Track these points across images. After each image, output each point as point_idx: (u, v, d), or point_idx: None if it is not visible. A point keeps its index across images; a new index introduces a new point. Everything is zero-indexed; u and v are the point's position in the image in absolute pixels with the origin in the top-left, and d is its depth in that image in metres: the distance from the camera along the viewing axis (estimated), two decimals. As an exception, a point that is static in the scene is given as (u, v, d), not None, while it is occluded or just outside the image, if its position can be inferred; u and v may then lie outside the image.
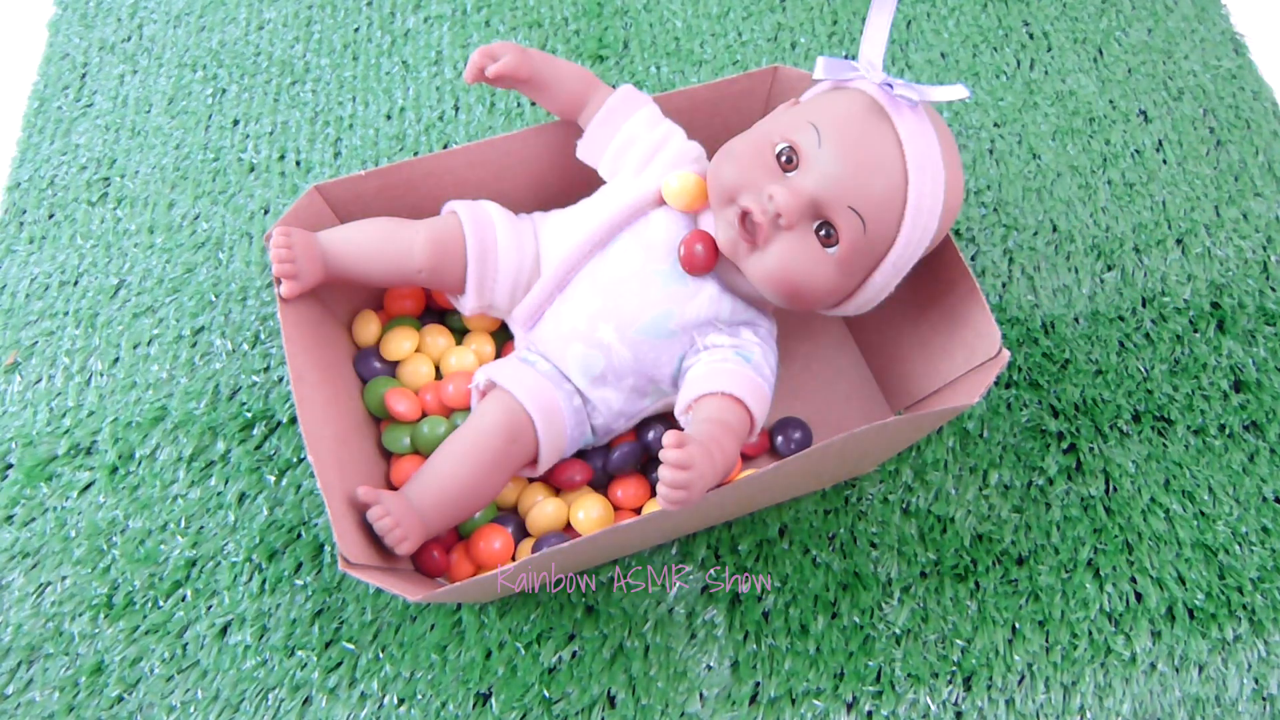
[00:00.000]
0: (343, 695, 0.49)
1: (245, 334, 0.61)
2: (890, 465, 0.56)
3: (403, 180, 0.53)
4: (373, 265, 0.51)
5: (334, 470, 0.45)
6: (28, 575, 0.53)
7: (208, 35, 0.78)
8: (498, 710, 0.48)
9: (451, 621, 0.51)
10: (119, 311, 0.63)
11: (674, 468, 0.39)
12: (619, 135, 0.51)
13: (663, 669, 0.50)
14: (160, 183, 0.69)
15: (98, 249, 0.66)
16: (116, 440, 0.57)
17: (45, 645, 0.51)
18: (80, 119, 0.73)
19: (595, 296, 0.49)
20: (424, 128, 0.72)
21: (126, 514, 0.55)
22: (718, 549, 0.53)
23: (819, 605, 0.52)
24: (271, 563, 0.53)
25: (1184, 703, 0.49)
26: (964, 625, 0.51)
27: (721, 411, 0.46)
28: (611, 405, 0.50)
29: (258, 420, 0.58)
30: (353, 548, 0.42)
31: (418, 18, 0.79)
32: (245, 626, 0.51)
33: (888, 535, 0.54)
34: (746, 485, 0.44)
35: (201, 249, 0.66)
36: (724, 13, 0.78)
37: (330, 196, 0.53)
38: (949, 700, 0.49)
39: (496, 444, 0.47)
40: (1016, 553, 0.54)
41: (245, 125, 0.72)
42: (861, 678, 0.49)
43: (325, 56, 0.76)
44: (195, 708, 0.49)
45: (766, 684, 0.49)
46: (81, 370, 0.60)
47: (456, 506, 0.47)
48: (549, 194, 0.57)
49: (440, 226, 0.51)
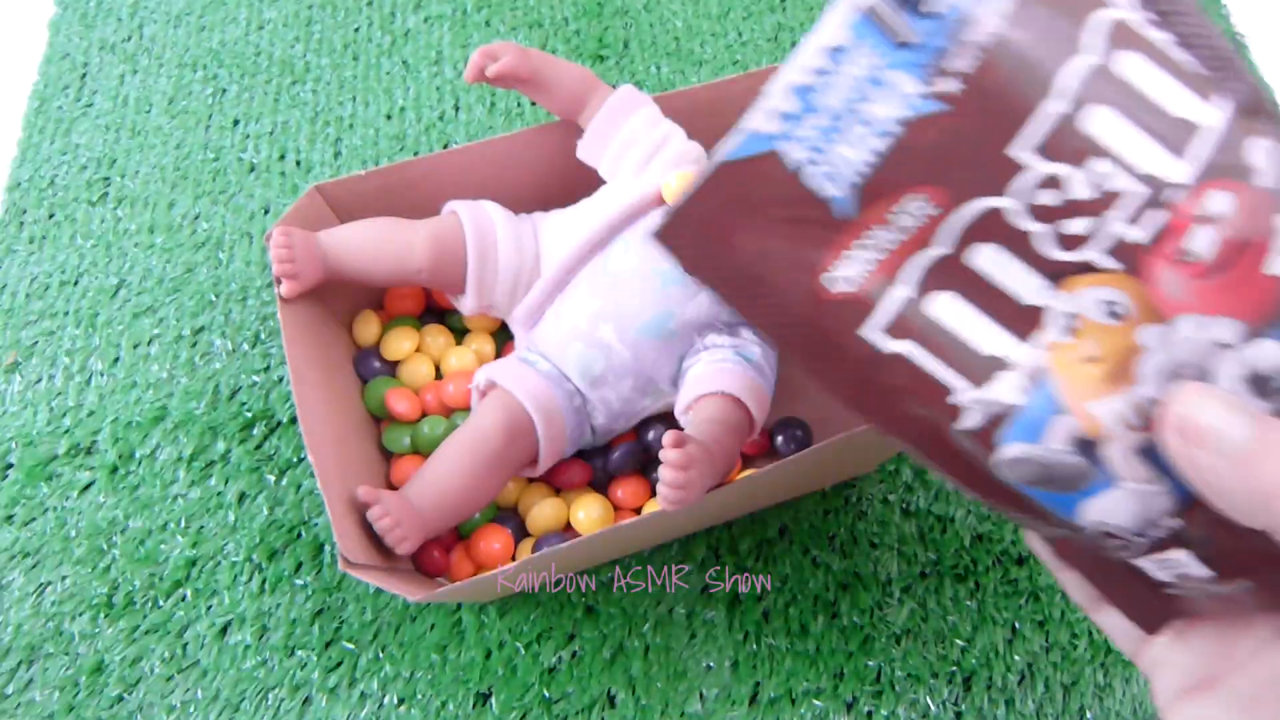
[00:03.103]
0: (343, 695, 0.49)
1: (245, 334, 0.61)
2: (890, 465, 0.56)
3: (403, 180, 0.53)
4: (373, 265, 0.51)
5: (334, 470, 0.45)
6: (28, 575, 0.53)
7: (208, 35, 0.78)
8: (498, 710, 0.48)
9: (451, 621, 0.51)
10: (119, 311, 0.63)
11: (674, 468, 0.39)
12: (619, 135, 0.51)
13: (663, 669, 0.50)
14: (160, 182, 0.69)
15: (98, 249, 0.66)
16: (116, 440, 0.57)
17: (45, 645, 0.51)
18: (80, 119, 0.73)
19: (595, 296, 0.49)
20: (424, 128, 0.72)
21: (126, 514, 0.55)
22: (718, 549, 0.53)
23: (819, 605, 0.52)
24: (271, 562, 0.53)
25: (1184, 703, 0.49)
26: (964, 625, 0.51)
27: (721, 411, 0.46)
28: (611, 405, 0.50)
29: (258, 420, 0.58)
30: (353, 548, 0.42)
31: (418, 18, 0.79)
32: (245, 626, 0.51)
33: (888, 535, 0.54)
34: (746, 485, 0.44)
35: (202, 249, 0.66)
36: (724, 13, 0.78)
37: (330, 196, 0.53)
38: (949, 700, 0.49)
39: (497, 444, 0.47)
40: (1016, 553, 0.54)
41: (245, 125, 0.72)
42: (861, 678, 0.49)
43: (325, 56, 0.76)
44: (195, 707, 0.49)
45: (766, 684, 0.49)
46: (82, 370, 0.60)
47: (457, 506, 0.47)
48: (549, 194, 0.57)
49: (440, 226, 0.51)
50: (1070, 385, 0.25)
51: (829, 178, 0.26)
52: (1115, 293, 0.25)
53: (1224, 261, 0.23)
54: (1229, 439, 0.22)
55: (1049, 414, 0.25)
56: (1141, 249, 0.24)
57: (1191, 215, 0.23)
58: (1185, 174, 0.23)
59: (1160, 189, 0.23)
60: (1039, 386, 0.26)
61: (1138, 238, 0.24)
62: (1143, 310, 0.24)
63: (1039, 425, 0.25)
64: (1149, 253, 0.24)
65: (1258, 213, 0.22)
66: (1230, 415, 0.22)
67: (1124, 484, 0.25)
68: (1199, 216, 0.23)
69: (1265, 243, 0.22)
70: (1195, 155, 0.23)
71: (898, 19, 0.24)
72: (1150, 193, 0.23)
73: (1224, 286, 0.23)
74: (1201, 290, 0.23)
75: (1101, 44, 0.24)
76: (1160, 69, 0.24)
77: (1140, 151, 0.23)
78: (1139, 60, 0.24)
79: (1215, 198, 0.23)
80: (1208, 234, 0.23)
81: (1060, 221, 0.24)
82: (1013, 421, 0.26)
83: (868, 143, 0.25)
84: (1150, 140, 0.23)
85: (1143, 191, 0.23)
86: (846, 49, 0.24)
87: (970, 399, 0.26)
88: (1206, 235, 0.23)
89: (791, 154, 0.26)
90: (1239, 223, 0.23)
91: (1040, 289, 0.25)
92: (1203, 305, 0.23)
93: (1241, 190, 0.23)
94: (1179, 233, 0.23)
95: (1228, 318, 0.23)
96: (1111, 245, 0.24)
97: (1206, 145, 0.23)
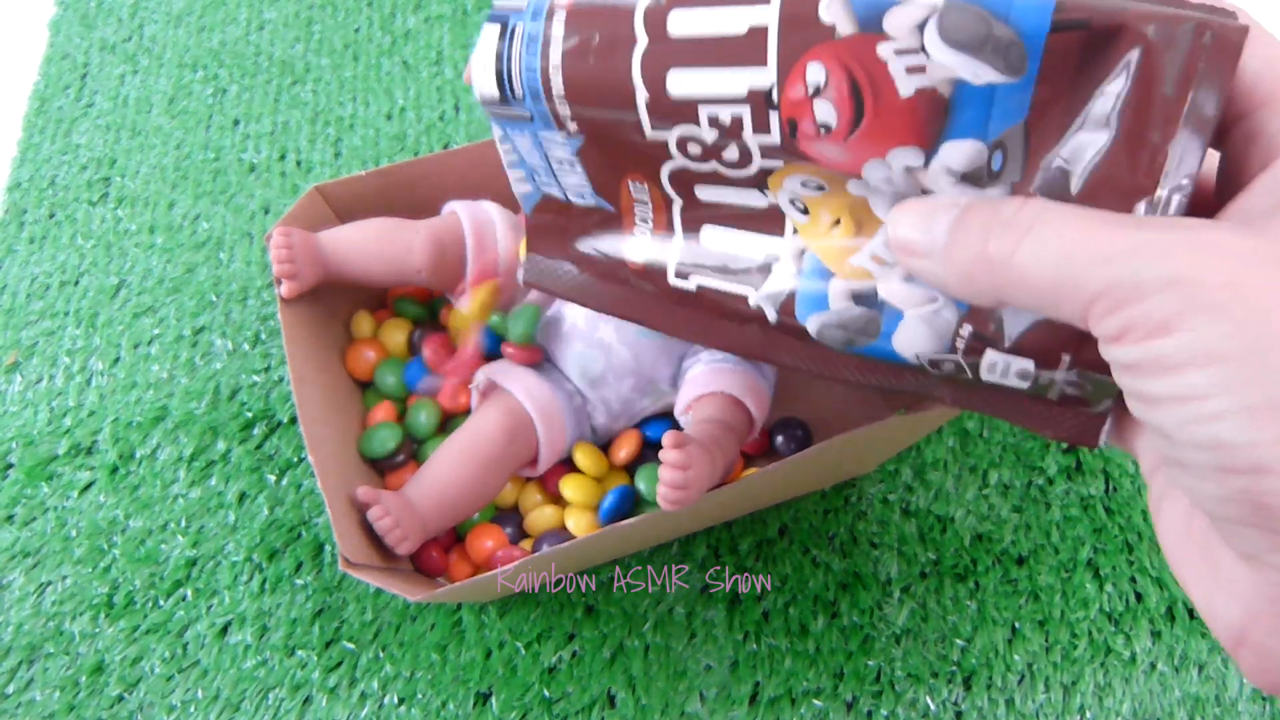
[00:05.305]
0: (343, 695, 0.49)
1: (245, 334, 0.61)
2: (890, 465, 0.56)
3: (403, 180, 0.53)
4: (373, 265, 0.51)
5: (334, 470, 0.45)
6: (28, 575, 0.53)
7: (208, 35, 0.78)
8: (498, 710, 0.48)
9: (451, 621, 0.51)
10: (119, 311, 0.63)
11: (673, 468, 0.39)
12: (619, 135, 0.51)
13: (663, 669, 0.50)
14: (161, 183, 0.69)
15: (98, 249, 0.66)
16: (117, 440, 0.57)
17: (45, 645, 0.51)
18: (81, 119, 0.73)
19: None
20: (424, 128, 0.72)
21: (127, 514, 0.55)
22: (718, 549, 0.53)
23: (819, 605, 0.52)
24: (272, 562, 0.53)
25: (1184, 702, 0.49)
26: (964, 625, 0.51)
27: (721, 411, 0.46)
28: (611, 405, 0.50)
29: (258, 420, 0.58)
30: (353, 548, 0.42)
31: (418, 18, 0.79)
32: (245, 626, 0.51)
33: (888, 535, 0.54)
34: (746, 485, 0.44)
35: (202, 249, 0.66)
36: (724, 12, 0.78)
37: (330, 196, 0.53)
38: (949, 700, 0.49)
39: (497, 444, 0.47)
40: (1016, 553, 0.54)
41: (245, 125, 0.72)
42: (861, 677, 0.49)
43: (326, 56, 0.76)
44: (195, 707, 0.49)
45: (766, 684, 0.49)
46: (82, 370, 0.60)
47: (456, 506, 0.47)
48: (549, 194, 0.57)
49: (440, 226, 0.51)
50: (826, 251, 0.29)
51: (579, 195, 0.35)
52: (804, 176, 0.28)
53: (854, 113, 0.25)
54: (928, 242, 0.23)
55: (822, 282, 0.30)
56: (787, 144, 0.27)
57: (800, 98, 0.26)
58: (770, 73, 0.26)
59: (762, 96, 0.26)
60: (805, 265, 0.30)
61: (773, 141, 0.27)
62: (835, 178, 0.27)
63: (821, 294, 0.30)
64: (795, 144, 0.27)
65: (860, 56, 0.24)
66: (925, 219, 0.23)
67: (909, 312, 0.28)
68: (808, 94, 0.25)
69: (887, 75, 0.24)
70: (769, 52, 0.25)
71: (508, 110, 0.32)
72: (755, 103, 0.26)
73: (875, 129, 0.25)
74: (860, 142, 0.25)
75: (642, 22, 0.27)
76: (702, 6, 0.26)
77: (722, 81, 0.27)
78: (681, 14, 0.27)
79: (812, 69, 0.25)
80: (823, 103, 0.25)
81: (717, 157, 0.29)
82: (799, 301, 0.30)
83: (575, 170, 0.34)
84: (724, 69, 0.26)
85: (746, 107, 0.27)
86: (507, 135, 0.34)
87: (760, 297, 0.31)
88: (823, 105, 0.25)
89: (553, 192, 0.36)
90: (846, 74, 0.24)
91: (760, 195, 0.30)
92: (873, 151, 0.25)
93: (831, 49, 0.24)
94: (804, 115, 0.26)
95: (900, 148, 0.25)
96: (763, 153, 0.28)
97: (774, 36, 0.25)
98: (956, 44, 0.22)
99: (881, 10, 0.23)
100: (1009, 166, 0.24)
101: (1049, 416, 0.28)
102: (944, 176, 0.25)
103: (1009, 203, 0.22)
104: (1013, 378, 0.27)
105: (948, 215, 0.23)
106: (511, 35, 0.30)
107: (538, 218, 0.37)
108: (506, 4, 0.30)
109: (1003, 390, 0.27)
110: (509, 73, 0.30)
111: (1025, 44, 0.22)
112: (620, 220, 0.35)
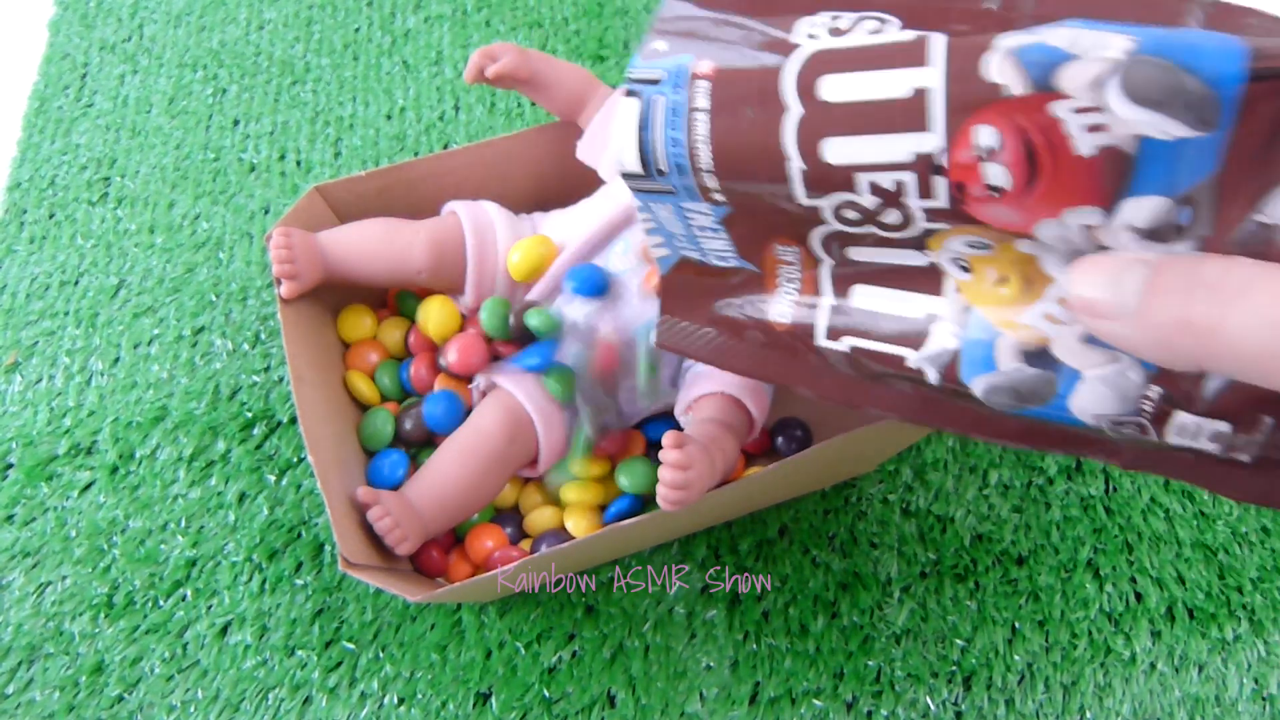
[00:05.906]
0: (343, 695, 0.49)
1: (245, 334, 0.61)
2: (890, 465, 0.56)
3: (403, 180, 0.53)
4: (373, 266, 0.51)
5: (334, 470, 0.45)
6: (28, 575, 0.53)
7: (208, 35, 0.78)
8: (498, 710, 0.48)
9: (451, 621, 0.51)
10: (119, 311, 0.63)
11: (673, 468, 0.39)
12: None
13: (663, 669, 0.50)
14: (161, 183, 0.69)
15: (98, 249, 0.66)
16: (117, 440, 0.57)
17: (45, 645, 0.51)
18: (80, 119, 0.73)
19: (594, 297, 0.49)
20: (424, 128, 0.72)
21: (127, 514, 0.55)
22: (718, 549, 0.53)
23: (819, 605, 0.52)
24: (272, 562, 0.53)
25: (1184, 703, 0.49)
26: (964, 625, 0.51)
27: (721, 411, 0.46)
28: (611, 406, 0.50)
29: (258, 420, 0.58)
30: (353, 548, 0.42)
31: (418, 18, 0.79)
32: (245, 626, 0.51)
33: (888, 535, 0.54)
34: (746, 485, 0.44)
35: (202, 249, 0.66)
36: (724, 13, 0.78)
37: (330, 196, 0.53)
38: (949, 700, 0.49)
39: (496, 444, 0.47)
40: (1016, 552, 0.54)
41: (245, 125, 0.72)
42: (861, 677, 0.49)
43: (325, 56, 0.76)
44: (195, 707, 0.49)
45: (766, 684, 0.49)
46: (82, 370, 0.60)
47: (456, 507, 0.47)
48: (549, 194, 0.57)
49: (440, 227, 0.51)
50: (992, 310, 0.28)
51: (720, 258, 0.34)
52: (971, 236, 0.27)
53: (1029, 174, 0.23)
54: (1117, 303, 0.22)
55: (988, 341, 0.28)
56: (955, 208, 0.25)
57: (968, 161, 0.24)
58: (936, 137, 0.24)
59: (927, 160, 0.25)
60: (968, 324, 0.28)
61: (939, 205, 0.26)
62: (1003, 237, 0.26)
63: (987, 355, 0.28)
64: (962, 207, 0.25)
65: (1032, 115, 0.23)
66: (1112, 278, 0.22)
67: (1088, 373, 0.26)
68: (977, 157, 0.24)
69: (1063, 135, 0.23)
70: (934, 116, 0.24)
71: (650, 184, 0.31)
72: (920, 168, 0.25)
73: (1052, 190, 0.24)
74: (1035, 203, 0.24)
75: (794, 89, 0.26)
76: (857, 70, 0.25)
77: (884, 148, 0.25)
78: (834, 80, 0.25)
79: (982, 132, 0.23)
80: (995, 166, 0.24)
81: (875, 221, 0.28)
82: (963, 361, 0.29)
83: (719, 236, 0.33)
84: (886, 135, 0.25)
85: (910, 174, 0.25)
86: (647, 205, 0.33)
87: (919, 358, 0.30)
88: (995, 168, 0.24)
89: (692, 255, 0.35)
90: (1020, 136, 0.23)
91: (918, 254, 0.29)
92: (1048, 212, 0.24)
93: (1001, 109, 0.23)
94: (972, 178, 0.24)
95: (1077, 208, 0.23)
96: (927, 216, 0.27)
97: (938, 99, 0.24)
98: (1144, 101, 0.21)
99: (1054, 67, 0.22)
100: (1199, 221, 0.22)
101: (1240, 479, 0.26)
102: (1126, 233, 0.23)
103: (1210, 263, 0.20)
104: (1204, 440, 0.25)
105: (1137, 274, 0.21)
106: (651, 109, 0.29)
107: (674, 277, 0.36)
108: (643, 74, 0.29)
109: (1189, 452, 0.26)
110: (652, 148, 0.29)
111: (1218, 96, 0.20)
112: (763, 281, 0.34)
